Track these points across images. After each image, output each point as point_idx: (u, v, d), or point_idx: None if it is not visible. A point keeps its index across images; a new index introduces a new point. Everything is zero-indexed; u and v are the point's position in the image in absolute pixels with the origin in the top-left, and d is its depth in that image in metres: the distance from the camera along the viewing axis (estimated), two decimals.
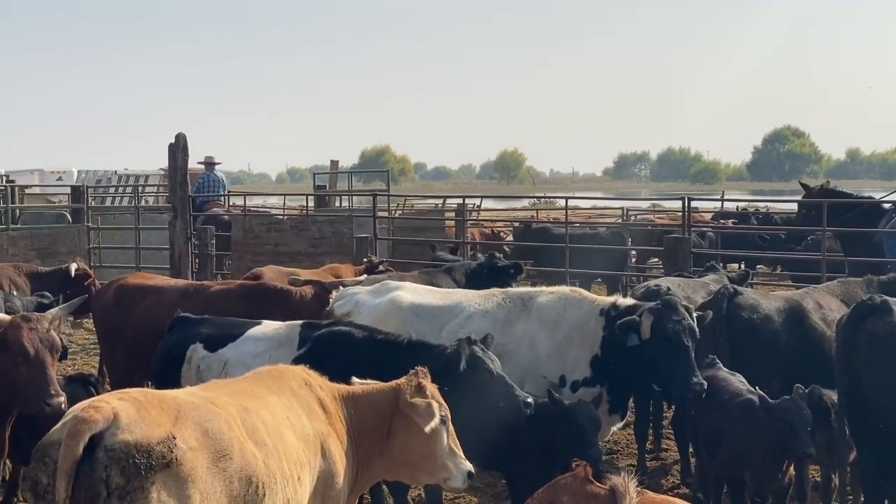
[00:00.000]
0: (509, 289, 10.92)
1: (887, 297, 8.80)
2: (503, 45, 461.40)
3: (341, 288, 11.24)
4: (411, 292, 10.42)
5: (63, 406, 7.63)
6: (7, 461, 9.50)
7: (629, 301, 9.84)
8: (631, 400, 10.03)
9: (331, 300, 10.75)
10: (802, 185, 21.80)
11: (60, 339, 8.58)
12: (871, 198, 19.93)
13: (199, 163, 32.74)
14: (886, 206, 18.97)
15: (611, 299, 9.87)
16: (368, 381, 6.91)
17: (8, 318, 8.48)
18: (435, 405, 6.55)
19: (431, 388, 6.64)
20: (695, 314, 9.33)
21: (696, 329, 9.04)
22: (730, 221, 26.58)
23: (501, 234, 26.74)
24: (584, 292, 10.24)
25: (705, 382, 8.81)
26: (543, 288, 10.54)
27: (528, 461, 7.36)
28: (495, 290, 10.59)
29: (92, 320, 12.86)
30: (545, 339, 9.56)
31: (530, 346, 9.54)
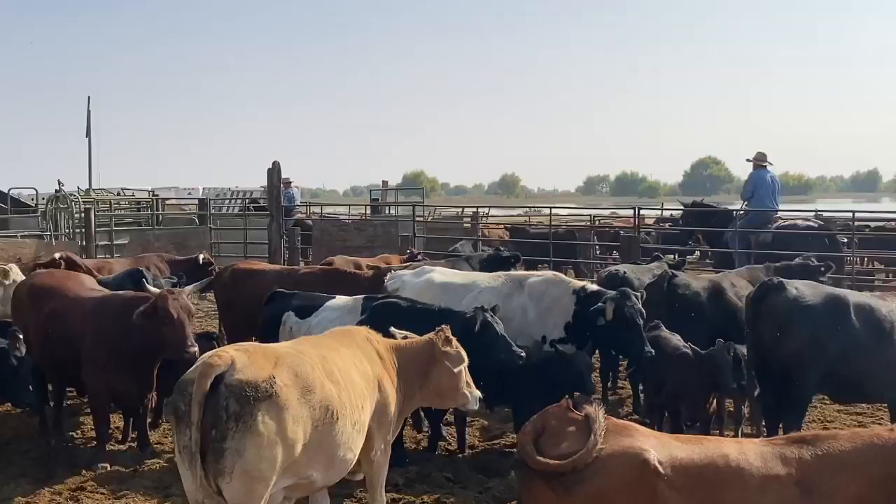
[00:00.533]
0: (511, 272, 11.01)
1: (783, 279, 8.82)
2: (510, 94, 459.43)
3: (392, 271, 11.35)
4: (441, 274, 10.57)
5: (196, 354, 7.73)
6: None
7: (595, 287, 9.87)
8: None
9: (385, 280, 10.83)
10: (680, 202, 22.91)
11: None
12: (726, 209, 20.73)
13: (287, 178, 33.04)
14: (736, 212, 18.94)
15: (581, 283, 9.95)
16: (405, 332, 7.01)
17: (158, 290, 8.62)
18: (462, 352, 6.75)
19: (454, 339, 6.80)
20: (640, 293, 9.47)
21: (643, 310, 9.09)
22: (667, 224, 26.53)
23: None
24: (563, 276, 10.41)
25: (653, 350, 8.86)
26: (535, 272, 10.60)
27: (535, 396, 7.29)
28: (501, 273, 10.70)
29: (213, 294, 12.95)
30: (533, 308, 9.60)
31: (523, 314, 9.57)
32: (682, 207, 21.87)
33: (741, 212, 18.27)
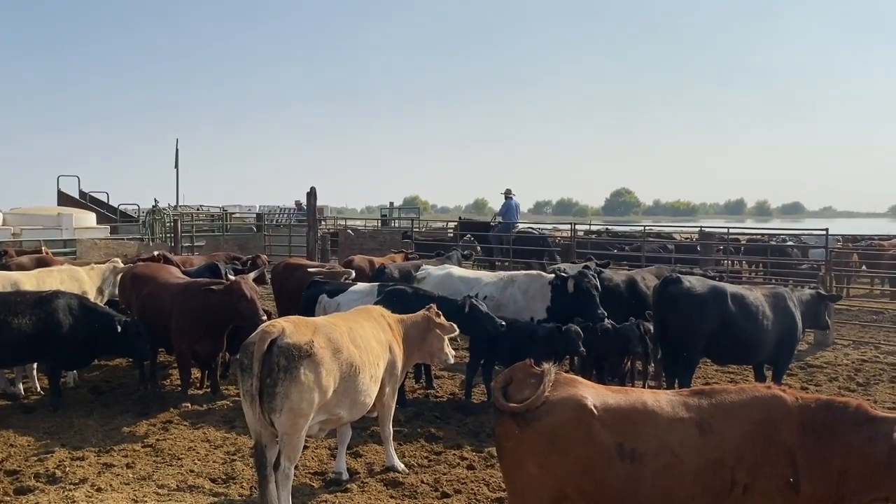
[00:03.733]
0: (505, 271, 11.00)
1: (680, 275, 8.80)
2: (479, 142, 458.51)
3: (423, 266, 11.21)
4: (457, 270, 10.52)
5: (265, 321, 7.68)
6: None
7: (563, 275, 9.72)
8: None
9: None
10: (460, 217, 25.59)
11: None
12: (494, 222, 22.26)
13: (296, 201, 33.17)
14: (494, 224, 21.85)
15: (552, 277, 9.74)
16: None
17: (234, 277, 8.52)
18: (454, 325, 6.80)
19: (441, 314, 6.82)
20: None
21: (598, 285, 9.08)
22: (593, 236, 26.53)
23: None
24: (543, 273, 10.09)
25: (605, 312, 8.87)
26: (522, 271, 10.45)
27: (541, 357, 7.21)
28: (500, 273, 10.69)
29: (270, 283, 12.80)
30: (521, 297, 9.50)
31: (514, 301, 9.47)
32: (458, 220, 24.36)
33: (496, 224, 21.55)
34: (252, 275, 8.91)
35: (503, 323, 8.12)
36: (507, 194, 21.78)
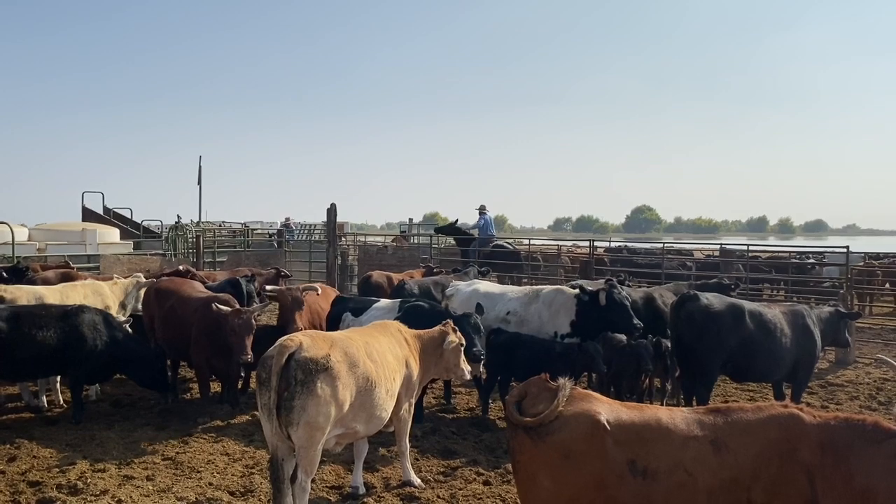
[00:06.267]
0: (531, 286, 10.88)
1: (697, 292, 8.75)
2: (499, 159, 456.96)
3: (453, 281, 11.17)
4: (483, 286, 10.41)
5: (249, 360, 8.10)
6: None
7: (590, 288, 9.46)
8: None
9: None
10: (439, 226, 25.84)
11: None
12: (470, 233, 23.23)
13: (286, 218, 33.63)
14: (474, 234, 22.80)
15: (577, 291, 9.46)
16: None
17: (229, 310, 8.52)
18: (462, 339, 6.85)
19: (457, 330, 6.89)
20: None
21: (629, 296, 8.97)
22: (621, 253, 26.38)
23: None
24: (567, 288, 9.88)
25: (642, 325, 8.85)
26: (546, 286, 10.39)
27: (560, 373, 7.19)
28: (525, 288, 10.50)
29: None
30: (545, 312, 9.39)
31: (539, 316, 9.39)
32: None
33: (475, 238, 22.48)
34: (257, 307, 8.97)
35: (483, 353, 7.57)
36: (482, 210, 22.96)
